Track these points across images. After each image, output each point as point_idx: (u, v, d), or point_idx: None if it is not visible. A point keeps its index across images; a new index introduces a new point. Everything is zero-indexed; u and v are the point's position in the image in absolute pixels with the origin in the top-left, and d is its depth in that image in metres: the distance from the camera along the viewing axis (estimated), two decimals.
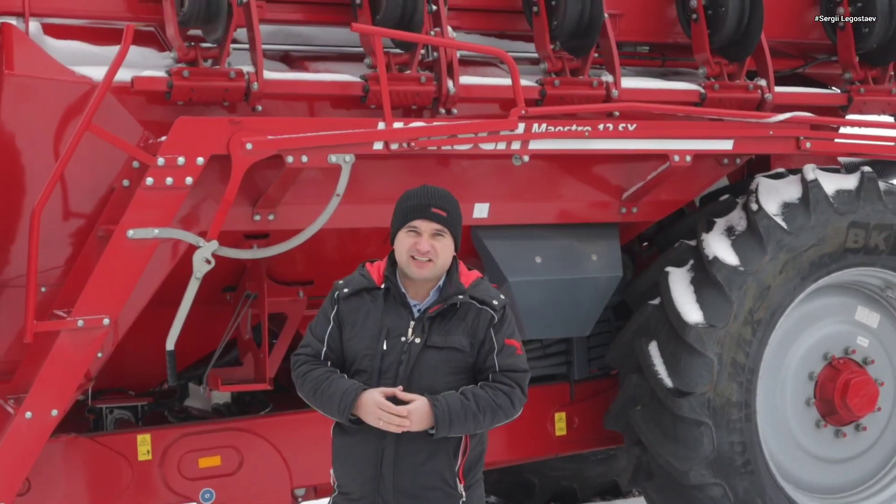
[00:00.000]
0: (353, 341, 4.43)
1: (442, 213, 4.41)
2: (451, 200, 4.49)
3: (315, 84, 5.98)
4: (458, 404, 4.27)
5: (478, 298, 4.43)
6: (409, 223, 4.41)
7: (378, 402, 4.25)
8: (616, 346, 7.09)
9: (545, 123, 6.10)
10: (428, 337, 4.36)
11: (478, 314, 4.41)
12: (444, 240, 4.41)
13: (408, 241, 4.41)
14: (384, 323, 4.38)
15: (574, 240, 6.76)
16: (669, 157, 6.47)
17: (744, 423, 6.69)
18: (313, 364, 4.46)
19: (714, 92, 6.77)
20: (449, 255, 4.45)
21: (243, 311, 6.38)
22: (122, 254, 5.36)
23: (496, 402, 4.33)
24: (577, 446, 7.47)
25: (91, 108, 5.23)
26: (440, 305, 4.39)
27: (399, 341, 4.36)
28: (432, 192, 4.48)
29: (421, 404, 4.25)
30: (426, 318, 4.38)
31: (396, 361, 4.35)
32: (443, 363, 4.35)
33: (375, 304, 4.43)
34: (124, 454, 6.19)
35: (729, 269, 6.63)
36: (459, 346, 4.37)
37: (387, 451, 4.35)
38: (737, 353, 6.66)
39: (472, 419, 4.29)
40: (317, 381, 4.40)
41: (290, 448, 6.49)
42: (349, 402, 4.29)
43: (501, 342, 4.40)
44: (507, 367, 4.40)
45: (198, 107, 5.71)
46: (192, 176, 5.40)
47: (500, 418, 4.37)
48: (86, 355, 5.43)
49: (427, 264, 4.39)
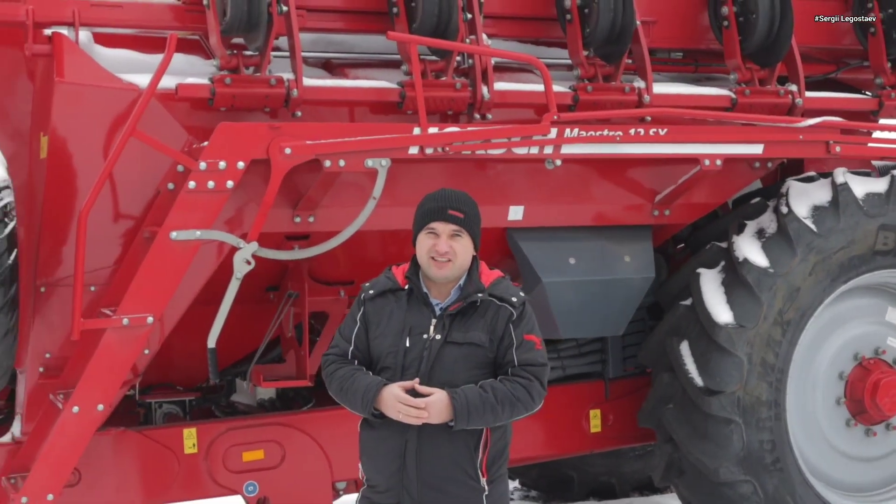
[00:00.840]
0: (378, 340, 4.50)
1: (458, 215, 4.46)
2: (469, 202, 4.53)
3: (353, 90, 6.05)
4: (477, 397, 4.32)
5: (497, 296, 4.47)
6: (428, 225, 4.48)
7: (397, 395, 4.31)
8: (648, 345, 7.10)
9: (577, 128, 6.14)
10: (448, 333, 4.41)
11: (497, 311, 4.45)
12: (461, 240, 4.47)
13: (427, 242, 4.48)
14: (407, 321, 4.45)
15: (607, 241, 6.76)
16: (700, 161, 6.48)
17: (773, 422, 6.69)
18: (340, 363, 4.55)
19: (745, 97, 6.77)
20: (468, 255, 4.50)
21: (285, 310, 6.42)
22: (166, 254, 5.46)
23: (514, 394, 4.36)
24: (611, 443, 7.46)
25: (136, 113, 5.35)
26: (460, 303, 4.44)
27: (421, 338, 4.42)
28: (449, 194, 4.53)
29: (440, 397, 4.31)
30: (446, 316, 4.44)
31: (418, 358, 4.41)
32: (462, 358, 4.41)
33: (399, 304, 4.50)
34: (171, 447, 6.25)
35: (759, 270, 6.62)
36: (479, 342, 4.42)
37: (409, 445, 4.40)
38: (766, 353, 6.66)
39: (491, 411, 4.33)
40: (343, 378, 4.48)
41: (332, 442, 6.52)
42: (371, 397, 4.36)
43: (520, 337, 4.44)
44: (525, 361, 4.43)
45: (240, 113, 5.80)
46: (233, 180, 5.48)
47: (519, 411, 4.40)
48: (131, 352, 5.53)
49: (446, 265, 4.45)
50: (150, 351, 5.72)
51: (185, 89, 5.67)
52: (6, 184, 5.38)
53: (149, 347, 5.69)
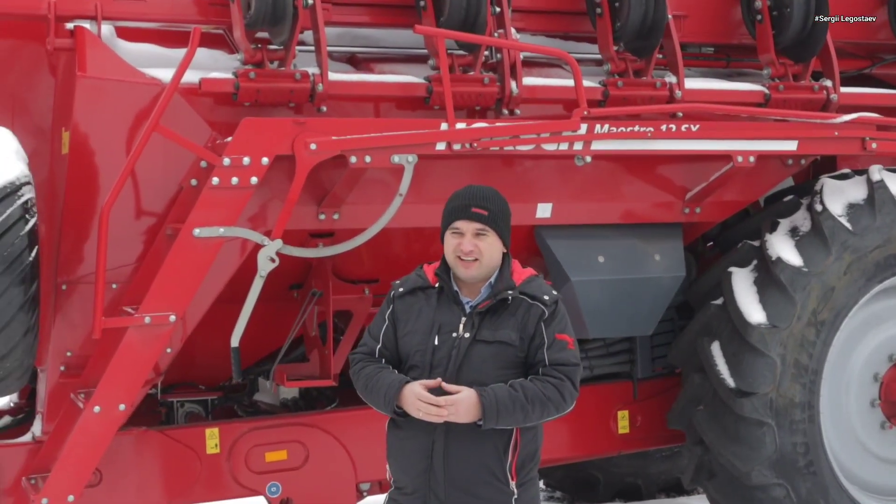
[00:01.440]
0: (406, 338, 4.46)
1: (482, 212, 4.39)
2: (494, 198, 4.47)
3: (379, 85, 6.01)
4: (506, 395, 4.26)
5: (529, 294, 4.42)
6: (452, 224, 4.43)
7: (417, 393, 4.26)
8: (678, 345, 7.04)
9: (608, 124, 6.07)
10: (477, 332, 4.36)
11: (528, 309, 4.40)
12: (487, 238, 4.41)
13: (453, 242, 4.43)
14: (436, 319, 4.41)
15: (637, 240, 6.72)
16: (732, 158, 6.42)
17: (807, 424, 6.63)
18: (367, 361, 4.52)
19: (779, 93, 6.73)
20: (495, 253, 4.45)
21: (309, 309, 6.38)
22: (189, 252, 5.42)
23: (545, 393, 4.30)
24: (639, 444, 7.43)
25: (158, 108, 5.30)
26: (489, 301, 4.39)
27: (450, 337, 4.37)
28: (474, 191, 4.47)
29: (467, 394, 4.25)
30: (476, 314, 4.39)
31: (447, 356, 4.36)
32: (492, 357, 4.35)
33: (429, 303, 4.46)
34: (193, 447, 6.22)
35: (793, 269, 6.56)
36: (509, 341, 4.36)
37: (437, 445, 4.35)
38: (800, 353, 6.60)
39: (521, 410, 4.27)
40: (368, 376, 4.44)
41: (355, 443, 6.48)
42: (393, 395, 4.31)
43: (552, 336, 4.38)
44: (557, 360, 4.37)
45: (265, 108, 5.75)
46: (258, 176, 5.43)
47: (550, 411, 4.34)
48: (153, 351, 5.49)
49: (472, 264, 4.40)
50: (172, 350, 5.69)
51: (208, 84, 5.64)
52: (27, 180, 5.29)
53: (171, 346, 5.65)
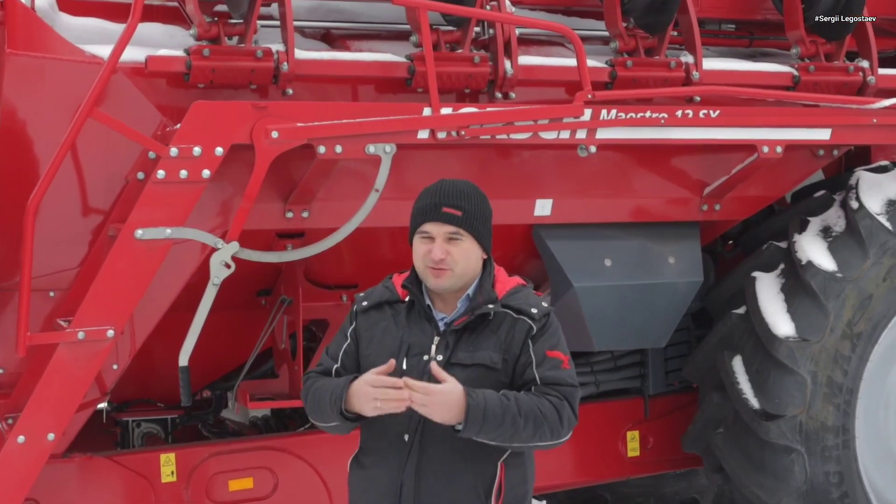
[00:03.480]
0: (369, 360, 4.04)
1: (455, 213, 3.97)
2: (470, 195, 4.04)
3: (353, 64, 5.68)
4: (497, 401, 3.82)
5: (514, 307, 4.01)
6: (420, 227, 4.02)
7: (370, 379, 3.82)
8: (695, 359, 6.76)
9: (615, 109, 5.79)
10: (452, 353, 3.95)
11: (513, 325, 3.99)
12: (461, 243, 3.98)
13: (422, 248, 4.02)
14: (405, 339, 4.01)
15: (649, 240, 6.42)
16: (757, 148, 6.11)
17: (841, 451, 6.33)
18: (318, 379, 4.12)
19: (809, 74, 6.41)
20: (472, 261, 4.02)
21: (278, 318, 6.12)
22: (130, 256, 5.08)
23: (542, 410, 3.86)
24: (651, 468, 7.17)
25: (94, 90, 4.96)
26: (466, 317, 3.97)
27: (420, 360, 3.95)
28: (445, 187, 4.05)
29: (451, 388, 3.79)
30: (450, 333, 3.98)
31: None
32: (470, 383, 3.88)
33: (397, 319, 4.07)
34: (146, 475, 5.90)
35: (825, 275, 6.25)
36: (489, 363, 3.94)
37: (406, 488, 3.93)
38: (833, 370, 6.28)
39: (511, 423, 3.82)
40: (316, 389, 4.04)
41: (331, 469, 6.13)
42: (339, 392, 3.89)
43: (541, 354, 3.96)
44: (550, 379, 3.94)
45: (222, 90, 5.42)
46: (210, 168, 5.09)
47: (542, 433, 3.88)
48: (87, 372, 5.13)
49: (444, 273, 3.97)
50: (119, 366, 5.41)
51: (155, 62, 5.29)
52: None
53: (117, 362, 5.40)
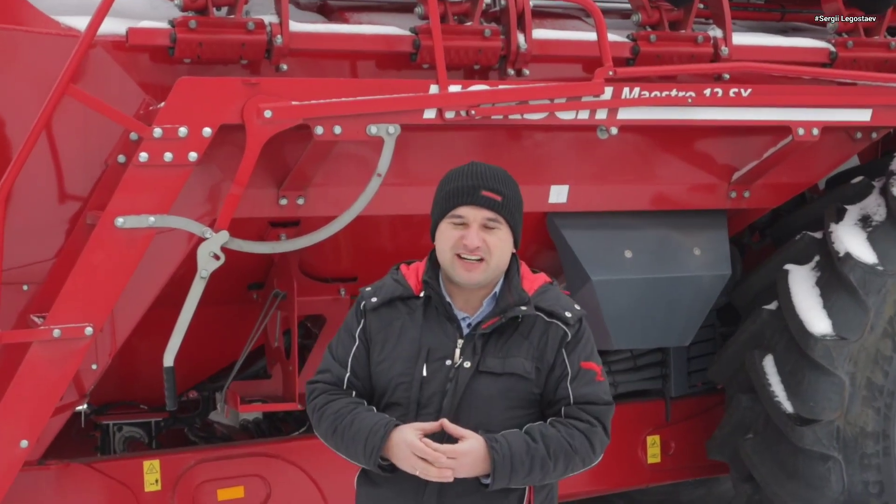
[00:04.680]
0: (383, 365, 3.80)
1: (495, 198, 3.74)
2: (509, 181, 3.83)
3: (353, 38, 5.44)
4: (523, 446, 3.62)
5: (546, 310, 3.78)
6: (453, 211, 3.75)
7: (411, 443, 3.58)
8: (722, 359, 6.51)
9: (638, 87, 5.55)
10: (481, 360, 3.71)
11: (545, 330, 3.76)
12: (498, 232, 3.75)
13: (452, 234, 3.75)
14: (424, 342, 3.76)
15: (672, 230, 6.19)
16: (793, 130, 5.87)
17: (881, 458, 6.08)
18: (333, 394, 3.82)
19: (847, 50, 6.16)
20: (506, 253, 3.80)
21: (271, 314, 5.89)
22: (110, 246, 4.87)
23: (571, 444, 3.65)
24: (672, 475, 6.93)
25: (70, 65, 4.74)
26: (497, 319, 3.73)
27: (443, 365, 3.72)
28: (482, 170, 3.81)
29: (474, 445, 3.59)
30: (478, 336, 3.73)
31: (440, 391, 3.71)
32: (500, 394, 3.71)
33: (413, 318, 3.81)
34: (128, 484, 5.71)
35: (864, 268, 5.99)
36: (523, 372, 3.72)
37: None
38: (873, 371, 6.04)
39: (540, 467, 3.63)
40: (337, 416, 3.75)
41: (328, 477, 5.94)
42: (377, 443, 3.62)
43: (576, 366, 3.75)
44: (584, 397, 3.73)
45: (210, 66, 5.19)
46: (197, 151, 4.87)
47: (575, 466, 3.72)
48: (63, 373, 4.92)
49: (477, 265, 3.73)
50: (98, 366, 5.20)
51: (137, 35, 5.05)
52: None
53: (96, 362, 5.18)
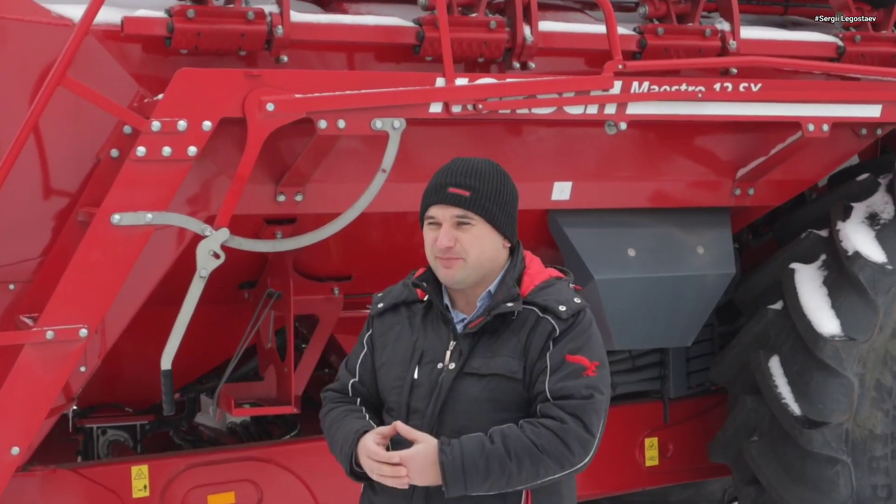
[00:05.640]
0: (382, 370, 3.76)
1: (462, 193, 3.61)
2: (485, 172, 3.68)
3: (356, 29, 5.36)
4: (476, 449, 3.43)
5: (540, 304, 3.61)
6: (427, 212, 3.69)
7: (368, 448, 3.51)
8: (724, 360, 6.44)
9: (647, 82, 5.49)
10: (466, 361, 3.59)
11: (535, 325, 3.60)
12: (472, 229, 3.62)
13: (430, 236, 3.68)
14: (419, 345, 3.69)
15: (676, 228, 6.14)
16: (802, 126, 5.81)
17: (890, 462, 6.03)
18: (336, 402, 3.81)
19: (855, 45, 6.12)
20: (487, 249, 3.65)
21: (265, 314, 5.79)
22: (106, 244, 4.77)
23: (536, 443, 3.43)
24: (670, 478, 6.83)
25: (65, 56, 4.64)
26: (482, 319, 3.61)
27: (434, 368, 3.63)
28: (456, 166, 3.70)
29: (421, 449, 3.45)
30: (466, 336, 3.63)
31: (429, 395, 3.61)
32: (485, 397, 3.57)
33: (412, 322, 3.75)
34: (115, 490, 5.61)
35: (873, 266, 5.91)
36: (508, 373, 3.56)
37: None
38: (882, 372, 5.97)
39: (499, 470, 3.41)
40: (331, 424, 3.75)
41: (321, 481, 5.88)
42: (348, 451, 3.58)
43: (559, 359, 3.53)
44: (559, 391, 3.49)
45: (208, 57, 5.14)
46: (197, 145, 4.79)
47: (548, 468, 3.46)
48: (57, 376, 4.82)
49: (454, 263, 3.61)
50: (87, 368, 5.11)
51: (133, 25, 4.98)
52: None
53: (86, 364, 5.09)
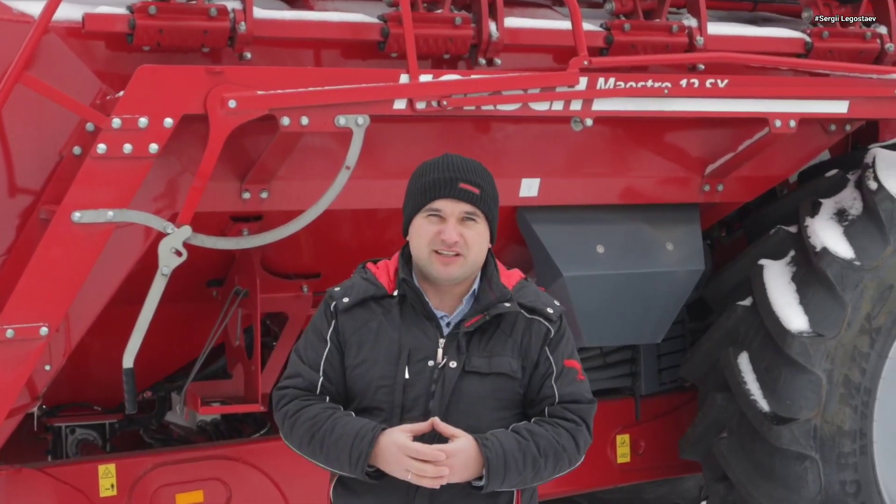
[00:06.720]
0: (360, 368, 3.68)
1: (474, 190, 3.67)
2: (485, 173, 3.77)
3: (320, 25, 5.35)
4: (514, 445, 3.53)
5: (527, 306, 3.73)
6: (430, 205, 3.68)
7: (403, 445, 3.46)
8: (694, 356, 6.41)
9: (613, 78, 5.47)
10: (467, 360, 3.63)
11: (528, 327, 3.71)
12: (476, 226, 3.69)
13: (429, 230, 3.68)
14: (404, 343, 3.66)
15: (645, 225, 6.12)
16: (769, 122, 5.79)
17: (858, 458, 6.00)
18: (306, 400, 3.69)
19: (822, 41, 6.10)
20: (483, 248, 3.74)
21: (232, 311, 5.75)
22: (66, 242, 4.75)
23: (559, 442, 3.59)
24: (642, 475, 6.81)
25: (24, 51, 4.63)
26: (480, 317, 3.66)
27: (426, 367, 3.62)
28: (459, 162, 3.74)
29: (465, 444, 3.49)
30: (462, 335, 3.64)
31: (425, 394, 3.61)
32: (488, 395, 3.64)
33: (389, 318, 3.72)
34: (82, 489, 5.56)
35: (841, 263, 5.90)
36: (510, 372, 3.65)
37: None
38: (851, 369, 5.94)
39: (532, 466, 3.55)
40: (314, 422, 3.60)
41: (290, 480, 5.86)
42: (365, 448, 3.49)
43: (560, 364, 3.69)
44: (569, 396, 3.68)
45: (170, 53, 5.10)
46: (158, 142, 4.75)
47: (562, 466, 3.63)
48: (17, 375, 4.79)
49: (454, 260, 3.66)
50: (52, 367, 5.07)
51: (94, 21, 4.94)
52: None
53: (50, 363, 5.04)
